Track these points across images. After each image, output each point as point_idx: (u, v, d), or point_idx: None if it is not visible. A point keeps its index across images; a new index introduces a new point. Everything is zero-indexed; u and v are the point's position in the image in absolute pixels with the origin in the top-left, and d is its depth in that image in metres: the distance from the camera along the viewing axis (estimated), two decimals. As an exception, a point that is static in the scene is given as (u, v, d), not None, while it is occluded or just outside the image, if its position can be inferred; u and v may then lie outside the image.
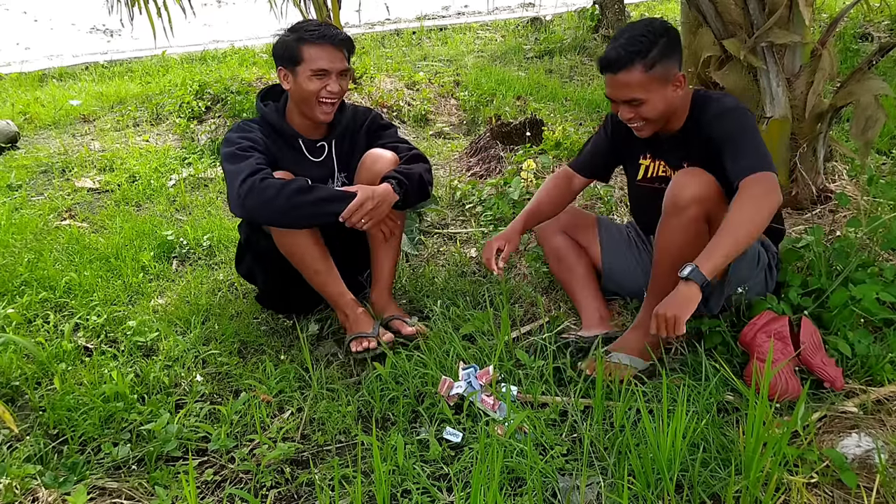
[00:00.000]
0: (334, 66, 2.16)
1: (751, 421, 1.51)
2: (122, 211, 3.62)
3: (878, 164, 3.28)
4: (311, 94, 2.17)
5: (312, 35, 2.14)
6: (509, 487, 1.63)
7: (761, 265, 2.01)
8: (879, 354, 1.92)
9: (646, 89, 1.88)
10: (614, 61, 1.87)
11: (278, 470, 1.76)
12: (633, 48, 1.84)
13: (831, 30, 2.85)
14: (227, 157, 2.14)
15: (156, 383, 2.10)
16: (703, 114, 1.94)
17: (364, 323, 2.22)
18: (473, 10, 9.79)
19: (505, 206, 3.10)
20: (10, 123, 4.91)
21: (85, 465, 1.78)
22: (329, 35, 2.15)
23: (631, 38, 1.86)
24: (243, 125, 2.25)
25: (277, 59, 2.21)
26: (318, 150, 2.32)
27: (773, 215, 1.79)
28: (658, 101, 1.90)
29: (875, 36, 5.51)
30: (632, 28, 1.90)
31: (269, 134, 2.26)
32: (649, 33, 1.85)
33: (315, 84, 2.16)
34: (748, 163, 1.80)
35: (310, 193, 2.06)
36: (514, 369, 2.02)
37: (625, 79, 1.87)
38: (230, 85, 5.21)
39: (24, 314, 2.55)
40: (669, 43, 1.87)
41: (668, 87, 1.90)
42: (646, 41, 1.84)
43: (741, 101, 1.95)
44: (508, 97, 5.13)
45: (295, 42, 2.15)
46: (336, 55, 2.17)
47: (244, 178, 2.03)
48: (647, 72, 1.85)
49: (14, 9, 10.61)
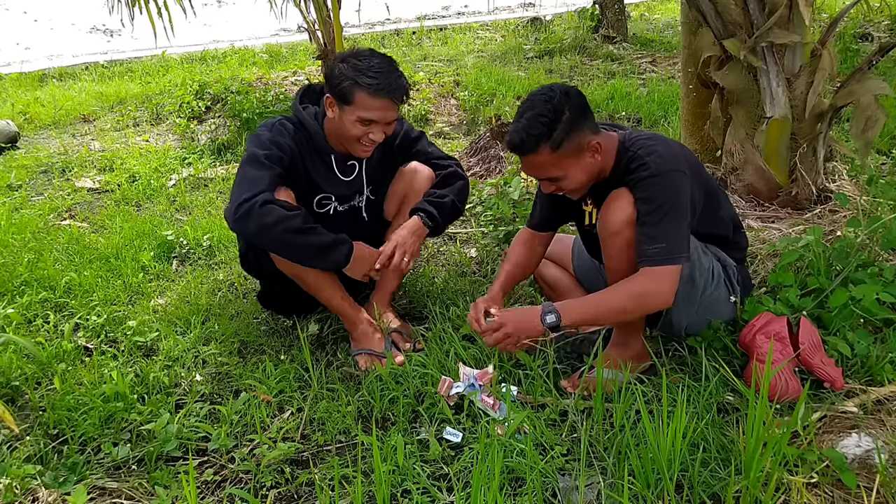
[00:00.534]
0: (384, 117, 2.07)
1: (751, 421, 1.51)
2: (122, 211, 3.62)
3: (878, 164, 3.28)
4: (353, 137, 2.10)
5: (371, 84, 2.01)
6: (509, 487, 1.63)
7: (716, 278, 1.97)
8: (879, 354, 1.92)
9: (559, 167, 1.83)
10: (518, 146, 1.82)
11: (278, 470, 1.76)
12: (535, 131, 1.77)
13: (831, 30, 2.85)
14: (249, 159, 2.06)
15: (156, 383, 2.10)
16: (627, 172, 1.84)
17: (373, 338, 2.20)
18: (473, 10, 9.79)
19: (505, 206, 3.10)
20: (10, 123, 4.91)
21: (85, 465, 1.78)
22: (389, 89, 2.03)
23: (532, 119, 1.78)
24: (279, 126, 2.15)
25: (328, 84, 2.09)
26: (348, 169, 2.25)
27: (647, 312, 1.88)
28: (576, 173, 1.85)
29: (875, 36, 5.51)
30: (531, 104, 1.81)
31: (303, 141, 2.17)
32: (549, 112, 1.77)
33: (359, 129, 2.07)
34: (654, 250, 1.77)
35: (307, 236, 1.99)
36: (514, 369, 2.02)
37: (535, 161, 1.83)
38: (230, 85, 5.21)
39: (24, 314, 2.55)
40: (573, 115, 1.79)
41: (583, 157, 1.84)
42: (547, 121, 1.77)
43: (670, 159, 1.82)
44: (508, 97, 5.13)
45: (351, 83, 2.02)
46: (390, 108, 2.07)
47: (247, 198, 1.94)
48: (554, 152, 1.79)
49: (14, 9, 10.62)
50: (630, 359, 1.96)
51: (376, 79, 2.01)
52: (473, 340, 2.18)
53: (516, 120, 1.83)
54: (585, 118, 1.83)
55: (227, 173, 4.13)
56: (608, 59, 6.27)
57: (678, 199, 1.79)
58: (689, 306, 1.94)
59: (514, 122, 1.83)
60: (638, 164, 1.82)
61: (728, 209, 2.04)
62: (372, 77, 2.01)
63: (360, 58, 2.05)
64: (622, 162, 1.88)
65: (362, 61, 2.04)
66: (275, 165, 2.05)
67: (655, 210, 1.77)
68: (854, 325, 2.00)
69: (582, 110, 1.82)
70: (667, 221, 1.77)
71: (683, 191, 1.80)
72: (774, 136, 2.89)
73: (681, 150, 1.92)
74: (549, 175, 1.86)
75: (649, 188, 1.78)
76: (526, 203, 3.12)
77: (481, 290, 2.53)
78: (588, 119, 1.84)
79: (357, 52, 2.08)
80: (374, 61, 2.04)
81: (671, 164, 1.81)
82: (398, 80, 2.06)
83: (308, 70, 6.13)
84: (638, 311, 1.85)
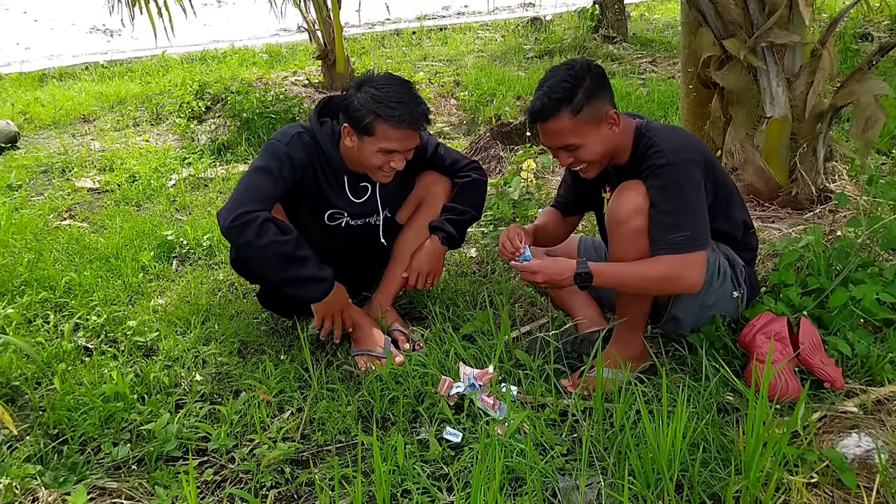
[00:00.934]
0: (406, 147, 2.05)
1: (751, 421, 1.51)
2: (122, 211, 3.62)
3: (878, 164, 3.28)
4: (373, 167, 2.07)
5: (393, 116, 1.97)
6: (509, 487, 1.63)
7: (723, 275, 1.98)
8: (879, 354, 1.92)
9: (578, 134, 1.84)
10: (539, 111, 1.84)
11: (278, 470, 1.76)
12: (556, 95, 1.80)
13: (831, 30, 2.85)
14: (261, 167, 2.04)
15: (156, 383, 2.10)
16: (643, 159, 1.86)
17: (373, 339, 2.19)
18: (473, 10, 9.80)
19: (505, 206, 3.10)
20: (10, 123, 4.91)
21: (85, 465, 1.78)
22: (411, 119, 1.99)
23: (553, 85, 1.82)
24: (296, 139, 2.10)
25: (346, 114, 2.04)
26: (360, 190, 2.23)
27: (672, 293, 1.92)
28: (594, 143, 1.86)
29: (875, 36, 5.51)
30: (553, 74, 1.85)
31: (318, 158, 2.15)
32: (571, 77, 1.81)
33: (381, 159, 2.04)
34: (679, 238, 1.78)
35: (293, 266, 1.98)
36: (514, 369, 2.02)
37: (554, 127, 1.84)
38: (230, 85, 5.21)
39: (24, 314, 2.55)
40: (594, 83, 1.82)
41: (601, 127, 1.86)
42: (568, 86, 1.80)
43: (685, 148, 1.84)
44: (508, 97, 5.13)
45: (373, 117, 1.98)
46: (413, 138, 2.04)
47: (248, 210, 1.94)
48: (574, 117, 1.81)
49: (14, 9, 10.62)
50: (630, 358, 1.96)
51: (397, 109, 1.97)
52: (473, 340, 2.19)
53: (538, 89, 1.85)
54: (605, 89, 1.87)
55: (227, 173, 4.13)
56: (608, 59, 6.28)
57: (695, 186, 1.81)
58: (694, 303, 1.94)
59: (537, 90, 1.85)
60: (654, 151, 1.83)
61: (741, 209, 2.05)
62: (392, 108, 1.97)
63: (377, 86, 2.00)
64: (639, 148, 1.90)
65: (380, 90, 1.99)
66: (283, 181, 2.05)
67: (673, 198, 1.79)
68: (854, 325, 2.00)
69: (602, 80, 1.86)
70: (687, 208, 1.79)
71: (698, 179, 1.82)
72: (774, 136, 2.89)
73: (697, 141, 1.95)
74: (567, 142, 1.86)
75: (665, 176, 1.80)
76: (526, 203, 3.12)
77: (481, 290, 2.53)
78: (607, 90, 1.88)
79: (374, 80, 2.03)
80: (393, 89, 2.00)
81: (686, 152, 1.83)
82: (418, 107, 2.02)
83: (308, 70, 6.13)
84: (664, 291, 1.90)
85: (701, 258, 1.81)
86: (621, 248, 1.88)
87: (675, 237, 1.78)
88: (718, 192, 1.91)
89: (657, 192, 1.80)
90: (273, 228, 1.95)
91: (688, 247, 1.78)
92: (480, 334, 2.21)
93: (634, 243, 1.84)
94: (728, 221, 1.99)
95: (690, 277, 1.80)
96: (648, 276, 1.83)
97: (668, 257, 1.79)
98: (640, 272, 1.84)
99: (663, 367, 1.90)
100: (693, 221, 1.79)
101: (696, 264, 1.80)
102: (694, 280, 1.81)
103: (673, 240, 1.78)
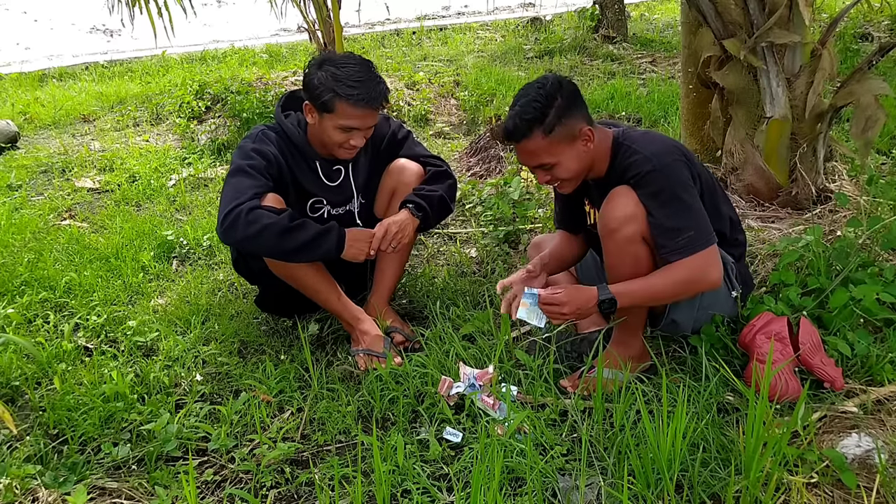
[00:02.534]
0: (365, 124, 2.09)
1: (751, 421, 1.51)
2: (122, 211, 3.62)
3: (878, 164, 3.28)
4: (335, 143, 2.11)
5: (352, 95, 2.01)
6: (509, 487, 1.63)
7: None
8: (879, 354, 1.92)
9: (551, 153, 1.83)
10: (512, 132, 1.83)
11: (278, 470, 1.76)
12: (527, 116, 1.80)
13: (831, 30, 2.85)
14: (234, 170, 2.09)
15: (156, 383, 2.10)
16: (627, 168, 1.84)
17: (372, 338, 2.18)
18: (473, 10, 9.79)
19: (505, 206, 3.10)
20: (10, 123, 4.91)
21: (85, 465, 1.78)
22: (369, 97, 2.02)
23: (525, 105, 1.81)
24: (262, 135, 2.17)
25: (307, 92, 2.08)
26: (334, 174, 2.26)
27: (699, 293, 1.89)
28: (569, 161, 1.85)
29: (875, 36, 5.51)
30: (525, 92, 1.84)
31: (287, 149, 2.18)
32: (542, 97, 1.80)
33: (341, 136, 2.08)
34: (684, 241, 1.77)
35: (295, 234, 1.98)
36: (514, 369, 2.02)
37: (528, 147, 1.84)
38: (230, 85, 5.21)
39: (24, 314, 2.55)
40: (565, 101, 1.81)
41: (576, 144, 1.85)
42: (539, 106, 1.79)
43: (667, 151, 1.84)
44: (508, 97, 5.13)
45: (331, 94, 2.02)
46: (371, 116, 2.08)
47: (232, 207, 1.96)
48: (547, 136, 1.81)
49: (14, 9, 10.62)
50: (630, 358, 1.96)
51: (356, 88, 2.01)
52: (474, 340, 2.19)
53: (511, 109, 1.86)
54: (577, 106, 1.85)
55: (226, 173, 4.12)
56: (608, 59, 6.27)
57: (686, 185, 1.81)
58: (691, 305, 1.94)
59: (509, 111, 1.86)
60: (636, 159, 1.82)
61: (727, 206, 2.04)
62: (351, 87, 2.01)
63: (337, 65, 2.04)
64: (617, 158, 1.88)
65: (340, 69, 2.03)
66: (260, 174, 2.07)
67: (668, 202, 1.78)
68: (854, 325, 2.00)
69: (574, 97, 1.84)
70: (684, 209, 1.78)
71: (688, 177, 1.82)
72: (774, 136, 2.89)
73: (675, 142, 1.94)
74: (541, 161, 1.86)
75: (655, 182, 1.79)
76: (526, 203, 3.12)
77: (481, 290, 2.53)
78: (580, 107, 1.86)
79: (333, 58, 2.07)
80: (352, 69, 2.03)
81: (669, 154, 1.82)
82: (377, 86, 2.05)
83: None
84: (688, 295, 1.88)
85: (713, 253, 1.81)
86: (616, 256, 1.86)
87: (680, 239, 1.77)
88: (703, 189, 1.91)
89: (650, 199, 1.79)
90: (261, 212, 1.97)
91: (697, 246, 1.78)
92: (480, 334, 2.21)
93: (629, 251, 1.83)
94: (716, 218, 1.98)
95: (711, 275, 1.80)
96: (669, 286, 1.81)
97: (683, 262, 1.78)
98: (661, 285, 1.82)
99: (663, 368, 1.90)
100: (693, 220, 1.79)
101: (711, 261, 1.80)
102: (715, 276, 1.81)
103: (679, 242, 1.77)
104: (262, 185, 2.06)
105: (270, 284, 2.29)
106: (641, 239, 1.82)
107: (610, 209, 1.83)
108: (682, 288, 1.83)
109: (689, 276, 1.79)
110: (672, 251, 1.79)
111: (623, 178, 1.85)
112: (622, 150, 1.87)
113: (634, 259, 1.84)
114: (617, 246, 1.84)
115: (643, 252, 1.84)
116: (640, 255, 1.84)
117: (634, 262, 1.84)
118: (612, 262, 1.89)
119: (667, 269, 1.81)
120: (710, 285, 1.83)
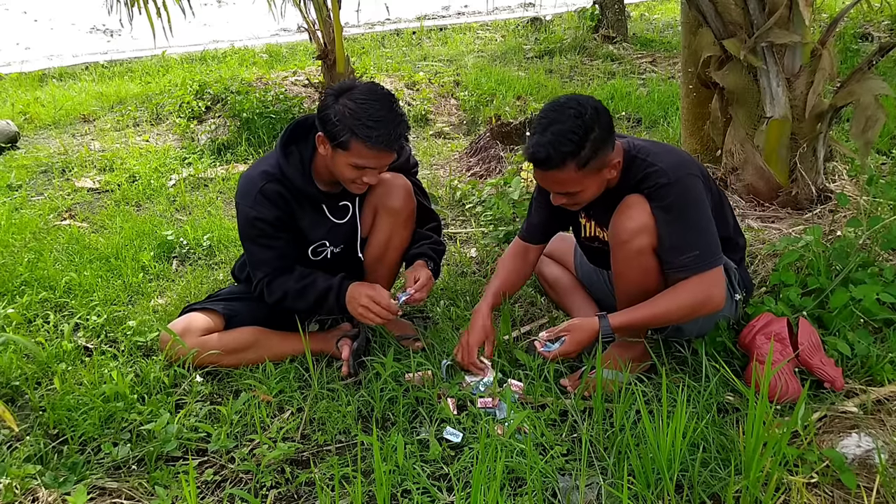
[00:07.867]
0: (381, 164, 1.97)
1: (751, 421, 1.51)
2: (122, 211, 3.62)
3: (878, 164, 3.28)
4: (345, 179, 2.00)
5: (370, 136, 1.86)
6: (509, 487, 1.63)
7: None
8: (879, 354, 1.92)
9: (580, 184, 1.78)
10: (544, 160, 1.73)
11: (278, 470, 1.76)
12: (564, 148, 1.71)
13: (831, 30, 2.85)
14: (244, 238, 2.12)
15: (156, 383, 2.10)
16: (643, 180, 1.81)
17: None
18: (473, 10, 9.79)
19: (505, 206, 3.10)
20: (10, 123, 4.91)
21: (85, 465, 1.78)
22: (388, 140, 1.88)
23: (560, 134, 1.71)
24: (260, 197, 2.02)
25: (322, 124, 1.93)
26: (340, 211, 2.17)
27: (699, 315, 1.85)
28: (593, 188, 1.82)
29: (875, 36, 5.51)
30: (559, 116, 1.73)
31: (291, 196, 2.06)
32: (580, 129, 1.70)
33: (353, 173, 1.96)
34: (689, 259, 1.76)
35: (304, 299, 2.11)
36: (514, 369, 2.02)
37: (557, 177, 1.78)
38: (230, 85, 5.21)
39: (24, 314, 2.54)
40: (602, 133, 1.73)
41: (602, 173, 1.81)
42: (577, 139, 1.70)
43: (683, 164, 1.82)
44: (508, 97, 5.13)
45: (348, 133, 1.87)
46: (387, 157, 1.95)
47: (260, 279, 2.12)
48: (580, 170, 1.74)
49: (14, 9, 10.63)
50: (630, 359, 1.96)
51: (375, 129, 1.86)
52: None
53: (540, 131, 1.74)
54: (611, 136, 1.79)
55: (227, 173, 4.12)
56: (608, 59, 6.28)
57: (699, 202, 1.78)
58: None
59: (538, 132, 1.74)
60: (652, 171, 1.79)
61: (730, 210, 2.04)
62: (370, 127, 1.86)
63: (356, 100, 1.88)
64: (630, 170, 1.85)
65: (360, 105, 1.87)
66: (270, 242, 2.09)
67: (678, 218, 1.76)
68: (854, 325, 2.00)
69: (609, 128, 1.77)
70: (693, 227, 1.77)
71: (701, 193, 1.80)
72: (774, 136, 2.89)
73: (688, 155, 1.92)
74: (567, 190, 1.82)
75: (668, 196, 1.77)
76: (526, 203, 3.12)
77: (481, 289, 2.53)
78: (612, 136, 1.80)
79: (353, 90, 1.91)
80: (372, 106, 1.88)
81: (684, 168, 1.80)
82: (397, 127, 1.90)
83: (308, 70, 6.13)
84: (692, 318, 1.86)
85: (718, 275, 1.79)
86: (625, 265, 1.85)
87: (685, 257, 1.76)
88: (714, 200, 1.90)
89: (662, 213, 1.77)
90: (277, 281, 2.10)
91: (701, 266, 1.76)
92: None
93: (638, 262, 1.82)
94: (723, 227, 1.98)
95: (714, 298, 1.78)
96: (673, 311, 1.81)
97: (687, 284, 1.78)
98: (663, 311, 1.81)
99: (663, 368, 1.90)
100: (701, 239, 1.77)
101: (714, 283, 1.78)
102: (718, 300, 1.79)
103: (684, 261, 1.77)
104: (276, 245, 2.10)
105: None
106: (652, 251, 1.81)
107: (623, 220, 1.81)
108: (686, 312, 1.81)
109: (692, 301, 1.78)
110: (676, 268, 1.78)
111: (636, 190, 1.83)
112: (636, 163, 1.84)
113: (643, 270, 1.83)
114: (627, 256, 1.83)
115: (653, 264, 1.83)
116: (650, 266, 1.83)
117: (643, 273, 1.83)
118: (620, 271, 1.88)
119: (669, 295, 1.80)
120: (713, 309, 1.81)
